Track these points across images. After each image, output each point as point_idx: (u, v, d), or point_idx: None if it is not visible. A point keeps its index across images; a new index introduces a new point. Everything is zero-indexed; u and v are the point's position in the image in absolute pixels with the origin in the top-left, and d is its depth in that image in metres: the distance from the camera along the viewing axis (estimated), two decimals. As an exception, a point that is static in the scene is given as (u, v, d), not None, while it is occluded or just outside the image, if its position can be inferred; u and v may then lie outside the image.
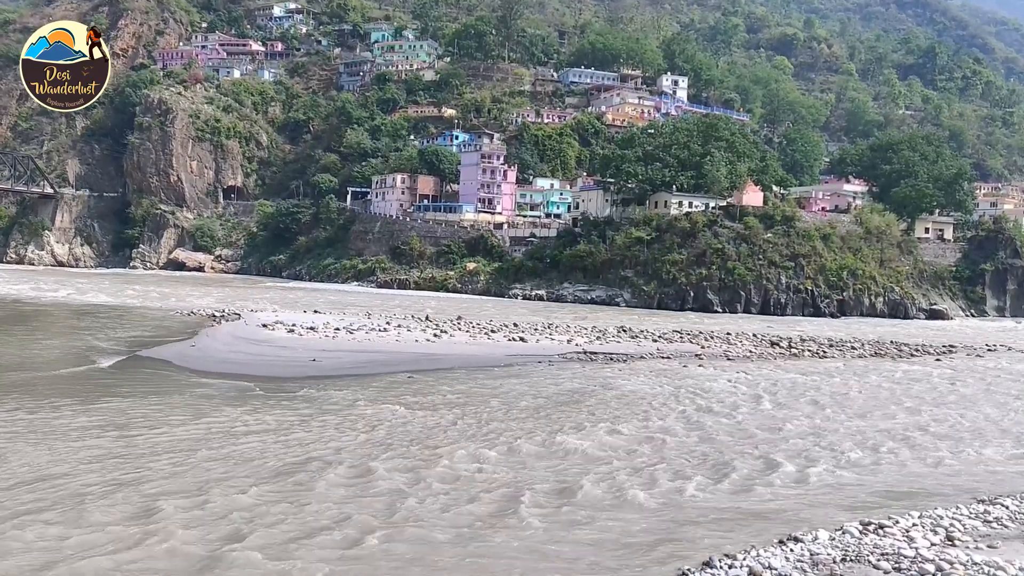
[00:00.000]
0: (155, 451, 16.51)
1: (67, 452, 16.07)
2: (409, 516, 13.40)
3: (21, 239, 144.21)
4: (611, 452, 18.37)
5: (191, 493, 13.78)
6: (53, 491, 13.61)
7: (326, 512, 13.33)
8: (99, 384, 24.07)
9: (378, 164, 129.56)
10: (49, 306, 53.93)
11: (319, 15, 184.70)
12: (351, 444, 17.96)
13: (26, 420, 18.70)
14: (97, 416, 19.48)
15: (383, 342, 37.51)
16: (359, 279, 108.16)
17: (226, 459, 16.18)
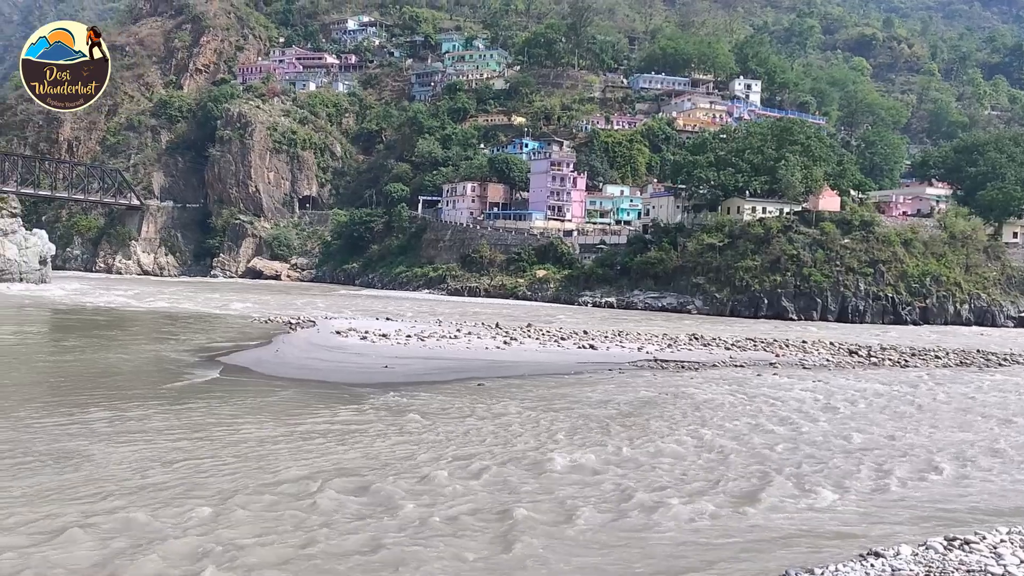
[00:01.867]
0: (233, 452, 16.97)
1: (151, 452, 16.65)
2: (471, 528, 13.44)
3: (109, 249, 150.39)
4: (682, 462, 18.13)
5: (265, 490, 14.13)
6: (138, 488, 14.11)
7: (404, 512, 13.50)
8: (183, 389, 24.88)
9: (449, 173, 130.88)
10: (136, 314, 56.07)
11: (391, 27, 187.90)
12: (424, 448, 18.14)
13: (114, 421, 19.44)
14: (181, 419, 20.14)
15: (453, 349, 37.81)
16: (430, 286, 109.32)
17: (301, 460, 16.53)
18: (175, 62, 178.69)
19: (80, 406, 21.13)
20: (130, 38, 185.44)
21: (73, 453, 16.29)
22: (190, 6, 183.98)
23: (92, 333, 41.77)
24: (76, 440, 17.45)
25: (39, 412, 20.24)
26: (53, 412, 20.30)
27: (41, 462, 15.62)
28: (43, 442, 17.16)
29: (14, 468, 15.12)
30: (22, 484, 14.16)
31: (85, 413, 20.28)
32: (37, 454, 16.18)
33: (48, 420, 19.34)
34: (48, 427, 18.61)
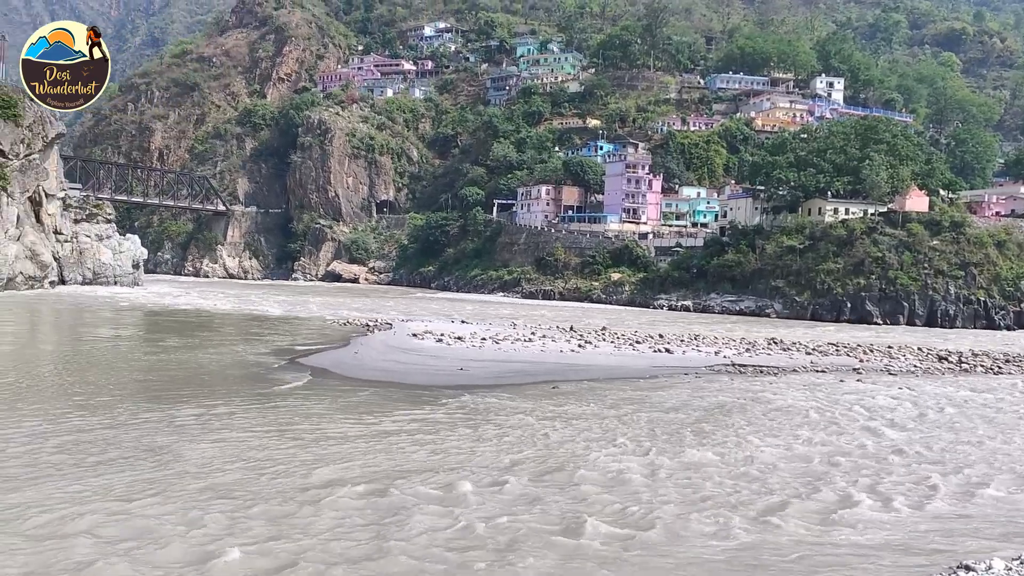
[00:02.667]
0: (314, 451, 17.37)
1: (236, 449, 17.19)
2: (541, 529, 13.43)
3: (197, 253, 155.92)
4: (758, 470, 17.76)
5: (344, 487, 14.42)
6: (222, 483, 14.58)
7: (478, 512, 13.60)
8: (266, 389, 25.59)
9: (523, 176, 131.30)
10: (221, 316, 57.95)
11: (467, 32, 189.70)
12: (497, 450, 18.24)
13: (201, 419, 20.14)
14: (264, 417, 20.73)
15: (528, 352, 37.89)
16: (505, 289, 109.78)
17: (379, 459, 16.81)
18: (259, 72, 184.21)
19: (170, 404, 21.98)
20: (217, 50, 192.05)
21: (163, 449, 16.93)
22: (273, 17, 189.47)
23: (181, 334, 43.39)
24: (166, 436, 18.14)
25: (133, 409, 21.12)
26: (145, 409, 21.15)
27: (133, 457, 16.27)
28: (136, 438, 17.89)
29: (108, 462, 15.80)
30: (113, 479, 14.76)
31: (175, 411, 21.08)
32: (131, 449, 16.87)
33: (141, 417, 20.16)
34: (140, 423, 19.40)
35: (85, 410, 20.77)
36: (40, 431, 18.28)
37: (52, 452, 16.46)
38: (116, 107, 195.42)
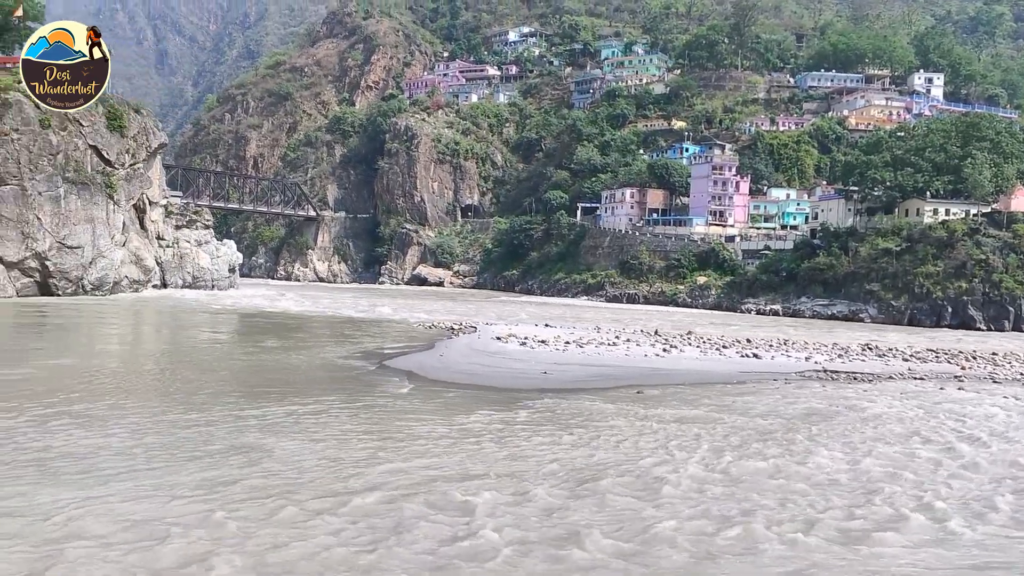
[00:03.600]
0: (402, 450, 17.65)
1: (324, 447, 17.62)
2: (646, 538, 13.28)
3: (289, 257, 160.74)
4: (848, 481, 17.16)
5: (427, 486, 14.61)
6: (310, 481, 14.96)
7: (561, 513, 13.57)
8: (354, 390, 26.15)
9: (607, 179, 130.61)
10: (310, 318, 59.55)
11: (551, 36, 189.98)
12: (579, 454, 18.17)
13: (291, 419, 20.73)
14: (353, 417, 21.18)
15: (612, 356, 37.63)
16: (588, 293, 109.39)
17: (461, 459, 16.97)
18: (348, 80, 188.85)
19: (262, 403, 22.69)
20: (309, 60, 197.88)
21: (254, 447, 17.47)
22: (362, 27, 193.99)
23: (273, 336, 44.78)
24: (257, 434, 18.72)
25: (226, 407, 21.89)
26: (239, 407, 21.90)
27: (225, 454, 16.85)
28: (228, 435, 18.52)
29: (199, 458, 16.41)
30: (203, 475, 15.30)
31: (266, 409, 21.75)
32: (223, 446, 17.48)
33: (233, 414, 20.87)
34: (233, 421, 20.08)
35: (183, 407, 21.65)
36: (140, 427, 19.13)
37: (148, 447, 17.18)
38: (214, 117, 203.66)
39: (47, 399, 21.79)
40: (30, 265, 65.38)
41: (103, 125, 73.01)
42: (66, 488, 13.95)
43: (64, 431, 18.28)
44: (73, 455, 16.19)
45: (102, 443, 17.31)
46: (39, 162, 65.38)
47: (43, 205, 65.60)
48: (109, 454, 16.45)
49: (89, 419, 19.63)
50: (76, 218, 68.73)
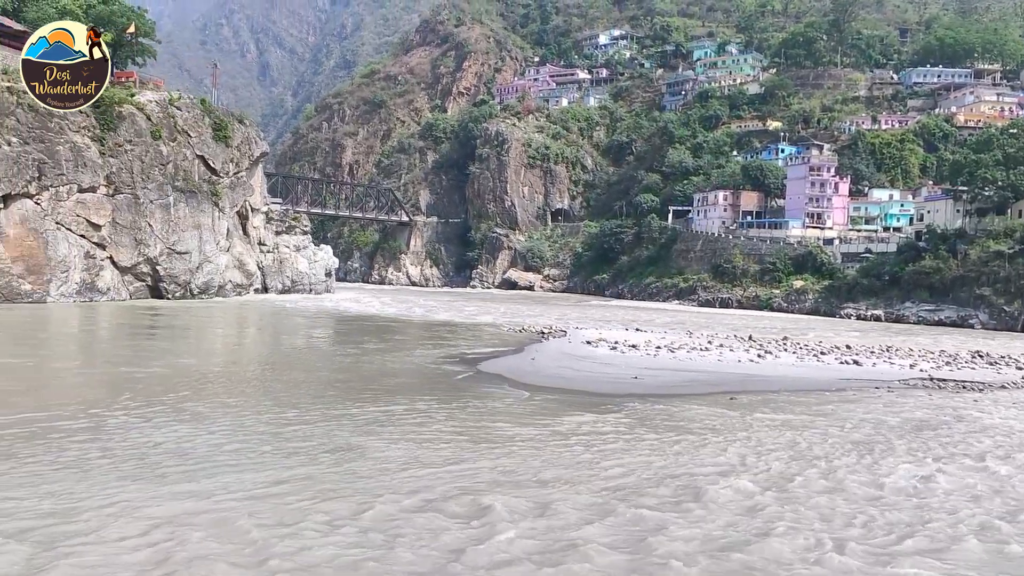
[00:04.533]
0: (489, 451, 17.79)
1: (416, 447, 17.91)
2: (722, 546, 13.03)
3: (383, 262, 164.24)
4: (961, 498, 16.36)
5: (521, 487, 14.67)
6: (400, 480, 15.23)
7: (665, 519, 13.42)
8: (445, 392, 26.51)
9: (700, 182, 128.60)
10: (403, 321, 60.69)
11: (642, 39, 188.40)
12: (670, 460, 17.93)
13: (384, 419, 21.17)
14: (445, 419, 21.47)
15: (704, 362, 36.98)
16: (680, 297, 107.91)
17: (550, 462, 16.98)
18: (440, 87, 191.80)
19: (357, 403, 23.25)
20: (402, 68, 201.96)
21: (348, 446, 17.91)
22: (454, 34, 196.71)
23: (367, 338, 45.85)
24: (351, 434, 19.19)
25: (323, 407, 22.53)
26: (334, 408, 22.50)
27: (319, 453, 17.32)
28: (324, 434, 19.06)
29: (297, 455, 16.93)
30: (296, 472, 15.76)
31: (360, 410, 22.27)
32: (317, 445, 17.99)
33: (328, 414, 21.45)
34: (327, 420, 20.64)
35: (281, 406, 22.39)
36: (240, 425, 19.87)
37: (246, 445, 17.81)
38: (312, 126, 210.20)
39: (156, 396, 22.91)
40: (142, 269, 68.84)
41: (209, 136, 76.33)
42: (163, 483, 14.56)
43: (168, 427, 19.17)
44: (174, 451, 16.93)
45: (202, 440, 18.05)
46: (151, 172, 68.80)
47: (154, 212, 69.01)
48: (208, 450, 17.13)
49: (193, 416, 20.53)
50: (184, 225, 72.05)
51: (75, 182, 62.12)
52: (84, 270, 62.71)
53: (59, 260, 60.41)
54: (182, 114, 73.91)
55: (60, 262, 60.47)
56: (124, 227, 66.42)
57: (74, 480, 14.41)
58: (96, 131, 64.37)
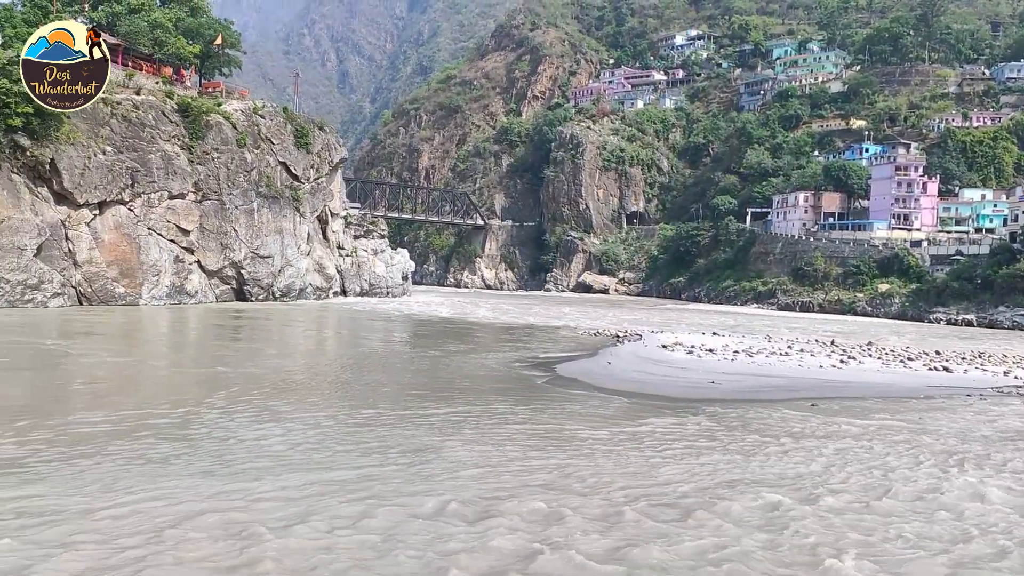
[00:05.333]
0: (559, 456, 17.78)
1: (492, 449, 18.02)
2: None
3: (458, 265, 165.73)
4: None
5: (592, 489, 14.61)
6: (473, 482, 15.34)
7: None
8: (520, 394, 26.61)
9: (779, 183, 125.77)
10: (478, 324, 61.14)
11: (720, 38, 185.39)
12: (748, 469, 17.58)
13: (459, 421, 21.37)
14: (519, 421, 21.56)
15: (784, 367, 36.17)
16: (758, 301, 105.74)
17: (622, 467, 16.87)
18: (515, 91, 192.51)
19: (432, 404, 23.54)
20: (477, 73, 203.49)
21: (424, 447, 18.14)
22: (529, 38, 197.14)
23: (444, 340, 46.36)
24: (427, 434, 19.43)
25: (400, 407, 22.90)
26: (411, 408, 22.84)
27: (393, 452, 17.58)
28: (400, 434, 19.35)
29: (373, 454, 17.23)
30: (370, 471, 16.02)
31: (436, 411, 22.54)
32: (392, 444, 18.28)
33: (402, 414, 21.78)
34: (406, 421, 20.95)
35: (359, 405, 22.85)
36: (317, 423, 20.33)
37: (321, 443, 18.21)
38: (389, 132, 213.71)
39: (241, 395, 23.66)
40: (227, 273, 71.13)
41: (291, 143, 78.45)
42: (234, 479, 14.98)
43: (250, 425, 19.79)
44: (251, 448, 17.44)
45: (278, 438, 18.55)
46: (236, 178, 71.08)
47: (239, 218, 71.25)
48: (282, 448, 17.60)
49: (274, 414, 21.13)
50: (267, 229, 74.19)
51: (165, 189, 64.66)
52: (174, 274, 65.17)
53: (151, 264, 62.96)
54: (265, 122, 76.15)
55: (152, 266, 63.01)
56: (211, 232, 68.75)
57: (151, 476, 14.98)
58: (185, 140, 66.88)
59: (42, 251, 55.15)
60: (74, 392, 24.73)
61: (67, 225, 57.61)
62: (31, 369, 28.19)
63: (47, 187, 56.88)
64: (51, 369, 28.52)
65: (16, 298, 52.76)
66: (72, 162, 57.39)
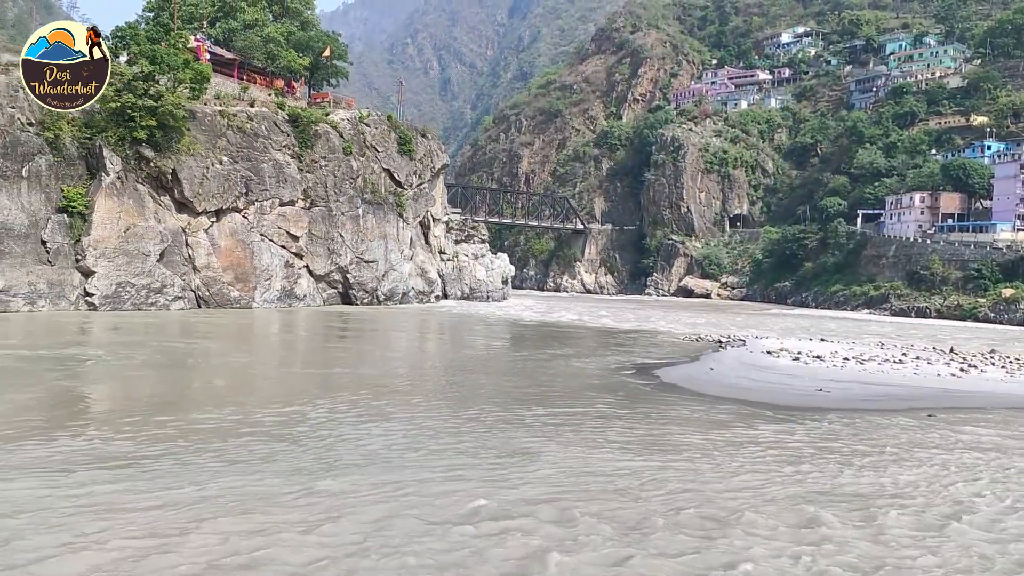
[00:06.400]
0: (657, 461, 17.57)
1: (591, 453, 17.97)
2: (925, 566, 12.16)
3: (558, 269, 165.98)
4: None
5: (693, 493, 14.40)
6: (575, 485, 15.34)
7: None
8: (620, 399, 26.43)
9: (893, 183, 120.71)
10: (578, 328, 61.05)
11: (829, 35, 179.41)
12: (860, 482, 16.94)
13: (558, 424, 21.40)
14: (618, 425, 21.42)
15: (898, 375, 34.66)
16: (870, 306, 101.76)
17: (717, 477, 16.53)
18: (615, 94, 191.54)
19: (532, 408, 23.65)
20: (577, 77, 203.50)
21: (523, 451, 18.24)
22: (630, 41, 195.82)
23: (544, 344, 46.51)
24: (526, 438, 19.54)
25: (500, 410, 23.10)
26: (511, 411, 23.01)
27: (493, 455, 17.74)
28: (500, 437, 19.52)
29: (474, 455, 17.44)
30: (469, 472, 16.21)
31: (536, 414, 22.63)
32: (493, 446, 18.46)
33: (499, 416, 21.96)
34: (506, 424, 21.13)
35: (459, 407, 23.17)
36: (419, 424, 20.73)
37: (421, 443, 18.55)
38: (490, 137, 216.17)
39: (343, 394, 24.39)
40: (334, 277, 73.42)
41: (395, 150, 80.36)
42: (339, 476, 15.41)
43: (351, 423, 20.39)
44: (351, 446, 17.94)
45: (380, 437, 18.99)
46: (342, 185, 73.33)
47: (345, 224, 73.47)
48: (380, 447, 18.00)
49: (377, 414, 21.69)
50: (372, 235, 76.20)
51: (277, 197, 67.30)
52: (284, 278, 67.73)
53: (263, 269, 65.64)
54: (370, 130, 78.27)
55: (264, 271, 65.68)
56: (319, 238, 71.13)
57: (247, 472, 15.60)
58: (295, 149, 69.48)
59: (164, 257, 58.29)
60: (195, 390, 26.08)
61: (187, 232, 60.69)
62: (156, 368, 29.83)
63: (169, 196, 60.08)
64: (178, 367, 30.11)
65: (141, 301, 55.95)
66: (192, 172, 60.45)
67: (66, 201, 53.54)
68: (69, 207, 53.58)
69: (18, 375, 26.20)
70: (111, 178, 55.61)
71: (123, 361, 30.70)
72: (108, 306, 53.94)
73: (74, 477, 14.48)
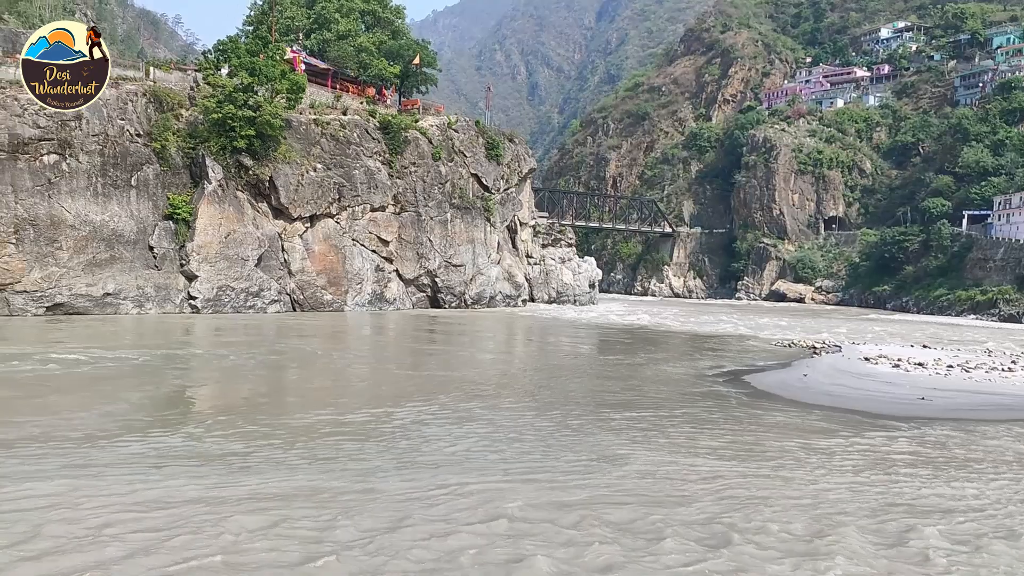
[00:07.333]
0: (750, 467, 17.20)
1: (687, 459, 17.74)
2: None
3: (645, 273, 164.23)
4: None
5: (791, 501, 14.04)
6: (669, 492, 15.17)
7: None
8: (711, 405, 26.01)
9: (1001, 183, 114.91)
10: (666, 333, 60.28)
11: (931, 29, 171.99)
12: (968, 497, 16.20)
13: (647, 430, 21.20)
14: (711, 433, 21.09)
15: (1007, 383, 32.99)
16: (976, 311, 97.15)
17: (816, 491, 16.07)
18: (705, 96, 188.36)
19: (621, 412, 23.50)
20: (666, 79, 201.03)
21: (615, 457, 18.14)
22: (720, 41, 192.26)
23: (632, 349, 46.13)
24: (616, 442, 19.43)
25: (588, 414, 23.05)
26: (600, 416, 22.93)
27: (581, 460, 17.71)
28: (588, 442, 19.46)
29: (563, 458, 17.44)
30: (555, 476, 16.21)
31: (625, 419, 22.48)
32: (582, 450, 18.42)
33: (595, 422, 21.90)
34: (594, 429, 21.06)
35: (545, 410, 23.22)
36: (503, 426, 20.85)
37: (504, 445, 18.63)
38: (577, 141, 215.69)
39: (431, 396, 24.76)
40: (423, 281, 74.60)
41: (482, 155, 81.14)
42: (408, 476, 15.61)
43: (437, 424, 20.70)
44: (436, 447, 18.17)
45: (464, 439, 19.18)
46: (431, 190, 74.49)
47: (434, 228, 74.59)
48: (464, 448, 18.17)
49: (462, 415, 21.93)
50: (460, 239, 77.12)
51: (368, 202, 68.87)
52: (375, 282, 69.23)
53: (354, 273, 67.27)
54: (459, 136, 79.26)
55: (355, 275, 67.30)
56: (408, 242, 72.42)
57: (320, 469, 15.97)
58: (386, 155, 70.96)
59: (261, 261, 60.41)
60: (290, 390, 26.95)
61: (283, 237, 62.74)
62: (256, 370, 30.94)
63: (266, 203, 62.24)
64: (275, 368, 31.17)
65: (240, 304, 58.12)
66: (288, 179, 62.47)
67: (172, 208, 56.17)
68: (174, 214, 56.19)
69: (142, 374, 27.62)
70: (213, 186, 58.03)
71: (238, 361, 32.01)
72: (210, 309, 56.26)
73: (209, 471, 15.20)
